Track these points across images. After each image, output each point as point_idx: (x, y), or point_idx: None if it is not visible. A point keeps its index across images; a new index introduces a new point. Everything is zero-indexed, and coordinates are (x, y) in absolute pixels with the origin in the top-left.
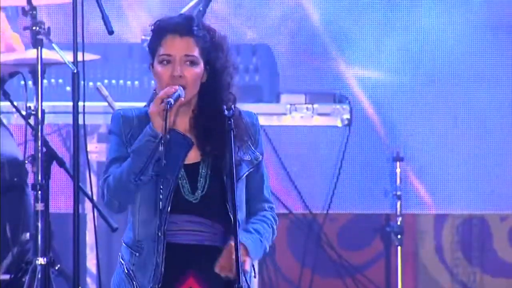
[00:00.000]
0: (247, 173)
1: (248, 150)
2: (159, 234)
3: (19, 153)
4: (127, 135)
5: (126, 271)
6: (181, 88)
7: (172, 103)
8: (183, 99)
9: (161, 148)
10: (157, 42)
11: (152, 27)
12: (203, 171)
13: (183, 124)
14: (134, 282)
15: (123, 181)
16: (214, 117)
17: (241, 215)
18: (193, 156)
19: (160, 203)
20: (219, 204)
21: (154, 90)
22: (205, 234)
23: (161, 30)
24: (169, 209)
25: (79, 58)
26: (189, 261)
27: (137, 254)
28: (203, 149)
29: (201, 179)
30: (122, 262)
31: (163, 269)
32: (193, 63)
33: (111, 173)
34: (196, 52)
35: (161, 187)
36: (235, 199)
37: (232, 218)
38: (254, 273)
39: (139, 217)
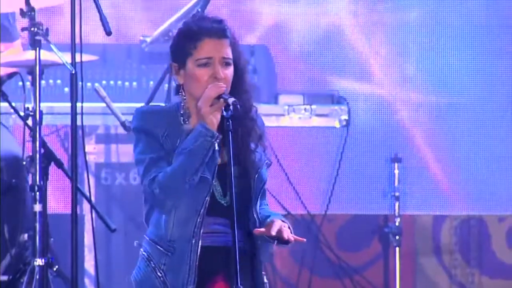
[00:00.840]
0: (267, 176)
1: (264, 152)
2: (195, 235)
3: (19, 153)
4: (163, 134)
5: (155, 270)
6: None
7: (230, 105)
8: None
9: (217, 147)
10: (192, 45)
11: (184, 30)
12: (235, 172)
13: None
14: (165, 282)
15: (178, 181)
16: (240, 119)
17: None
18: (221, 157)
19: (202, 204)
20: (245, 207)
21: (181, 92)
22: (231, 235)
23: (196, 34)
24: (205, 210)
25: (77, 59)
26: (220, 263)
27: (169, 254)
28: (229, 153)
29: (229, 183)
30: (150, 260)
31: (196, 270)
32: (228, 64)
33: (158, 173)
34: (230, 54)
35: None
36: (233, 200)
37: (257, 219)
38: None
39: (176, 216)
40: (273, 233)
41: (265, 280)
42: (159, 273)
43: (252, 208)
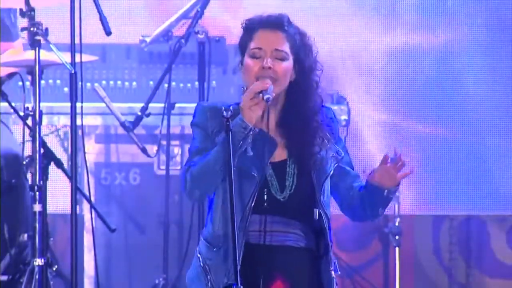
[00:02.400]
0: (332, 170)
1: (331, 146)
2: (239, 230)
3: (19, 153)
4: (213, 129)
5: (202, 265)
6: (271, 85)
7: (271, 98)
8: (271, 96)
9: (249, 140)
10: (248, 37)
11: (243, 24)
12: (290, 170)
13: (270, 123)
14: (209, 276)
15: (208, 171)
16: (302, 116)
17: (329, 211)
18: (280, 154)
19: (248, 200)
20: (307, 202)
21: (243, 87)
22: (288, 234)
23: (253, 26)
24: (252, 207)
25: (77, 59)
26: (275, 263)
27: (214, 249)
28: (289, 148)
29: (289, 178)
30: (199, 256)
31: (240, 266)
32: (283, 58)
33: (195, 162)
34: (286, 48)
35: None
36: (233, 199)
37: (325, 214)
38: (336, 269)
39: (221, 212)
40: (376, 179)
41: (333, 275)
42: (205, 269)
43: (318, 204)
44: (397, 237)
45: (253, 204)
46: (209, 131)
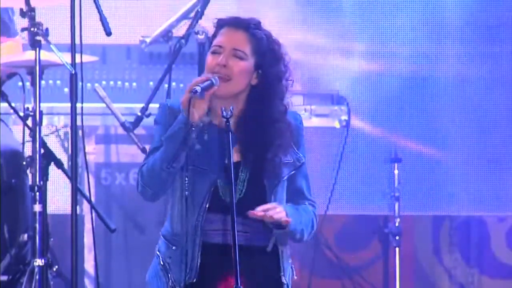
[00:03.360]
0: (288, 175)
1: (290, 152)
2: (196, 228)
3: (20, 153)
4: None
5: (162, 263)
6: (215, 77)
7: (198, 90)
8: (216, 87)
9: (193, 135)
10: (215, 33)
11: (214, 22)
12: (243, 174)
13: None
14: (169, 275)
15: (156, 169)
16: (260, 123)
17: None
18: (234, 156)
19: (203, 201)
20: (256, 207)
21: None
22: (240, 234)
23: (220, 23)
24: (207, 204)
25: (77, 59)
26: (227, 261)
27: (173, 247)
28: (243, 153)
29: (240, 183)
30: (158, 254)
31: (198, 263)
32: (240, 57)
33: (147, 162)
34: (246, 48)
35: (184, 181)
36: (233, 200)
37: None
38: (293, 273)
39: (178, 210)
40: (258, 213)
41: (284, 281)
42: (165, 266)
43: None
44: (397, 237)
45: (207, 204)
46: (167, 129)
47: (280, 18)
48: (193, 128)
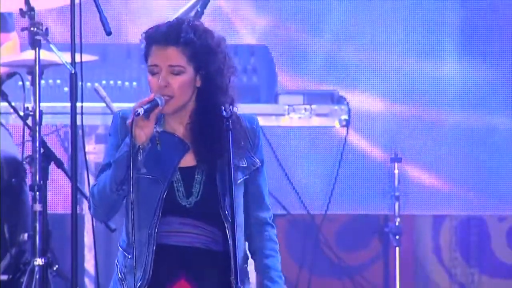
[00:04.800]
0: (242, 179)
1: (245, 155)
2: (150, 236)
3: (18, 153)
4: (123, 137)
5: (119, 275)
6: (160, 97)
7: (141, 113)
8: (161, 107)
9: (140, 157)
10: (147, 52)
11: (142, 36)
12: (199, 176)
13: (180, 128)
14: (124, 284)
15: (106, 191)
16: (210, 121)
17: (239, 218)
18: (189, 160)
19: (156, 206)
20: (214, 209)
21: None
22: (197, 236)
23: (149, 40)
24: (160, 212)
25: (77, 59)
26: (181, 263)
27: (129, 256)
28: (199, 154)
29: (196, 185)
30: (117, 264)
31: (151, 270)
32: (179, 72)
33: (98, 181)
34: (181, 61)
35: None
36: (234, 201)
37: (230, 221)
38: (249, 278)
39: (133, 220)
40: None
41: (234, 286)
42: (121, 277)
43: (222, 212)
44: (397, 237)
45: (160, 210)
46: (119, 141)
47: (279, 16)
48: (140, 151)
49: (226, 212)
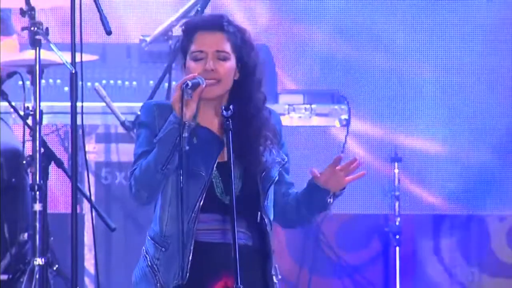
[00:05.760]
0: (277, 175)
1: (276, 150)
2: (188, 231)
3: (19, 150)
4: (161, 128)
5: (150, 264)
6: (202, 78)
7: (190, 84)
8: (203, 86)
9: (185, 134)
10: (189, 40)
11: (183, 27)
12: (236, 171)
13: (215, 123)
14: (157, 277)
15: (150, 171)
16: (245, 115)
17: (271, 216)
18: (225, 155)
19: (196, 201)
20: (252, 206)
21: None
22: (236, 233)
23: (192, 28)
24: (199, 207)
25: (77, 58)
26: (221, 261)
27: (163, 249)
28: (234, 150)
29: (235, 180)
30: (146, 256)
31: (188, 268)
32: (225, 58)
33: (139, 165)
34: (227, 48)
35: (182, 183)
36: (233, 198)
37: (268, 216)
38: (277, 274)
39: (169, 212)
40: (321, 180)
41: (275, 280)
42: (153, 268)
43: (261, 209)
44: (397, 237)
45: (201, 204)
46: (156, 131)
47: (279, 16)
48: (187, 127)
49: (265, 208)
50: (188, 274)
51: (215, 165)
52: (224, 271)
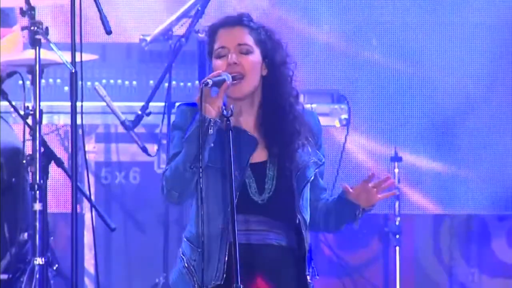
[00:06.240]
0: (313, 175)
1: (312, 150)
2: (222, 232)
3: (20, 151)
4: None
5: (187, 266)
6: (227, 74)
7: (210, 83)
8: (229, 82)
9: (210, 131)
10: (212, 40)
11: (206, 31)
12: (270, 172)
13: (249, 123)
14: (194, 278)
15: (179, 171)
16: (279, 111)
17: (307, 216)
18: (259, 155)
19: (230, 201)
20: (286, 205)
21: None
22: (270, 233)
23: (214, 29)
24: (234, 208)
25: (77, 58)
26: (256, 261)
27: (199, 250)
28: (269, 149)
29: (268, 181)
30: (183, 257)
31: (225, 268)
32: (247, 51)
33: (169, 166)
34: (249, 41)
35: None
36: (233, 196)
37: (303, 217)
38: (317, 273)
39: (204, 213)
40: (353, 196)
41: (309, 280)
42: (189, 269)
43: (296, 209)
44: (397, 236)
45: (235, 204)
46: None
47: (280, 15)
48: (212, 124)
49: (300, 207)
50: (224, 274)
51: (248, 166)
52: (258, 272)
